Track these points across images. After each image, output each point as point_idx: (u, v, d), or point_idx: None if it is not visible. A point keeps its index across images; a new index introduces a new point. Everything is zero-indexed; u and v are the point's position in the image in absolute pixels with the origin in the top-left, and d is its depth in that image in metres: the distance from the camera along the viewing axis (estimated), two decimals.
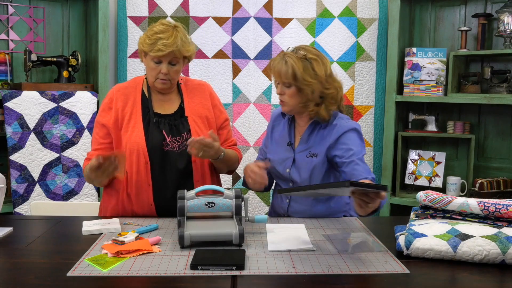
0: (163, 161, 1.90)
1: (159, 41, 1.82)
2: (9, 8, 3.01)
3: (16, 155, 2.78)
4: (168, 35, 1.83)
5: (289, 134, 1.97)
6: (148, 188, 1.89)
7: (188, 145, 1.81)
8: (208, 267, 1.33)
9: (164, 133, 1.91)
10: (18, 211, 2.79)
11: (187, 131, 1.93)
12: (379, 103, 3.29)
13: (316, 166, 1.87)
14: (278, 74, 1.83)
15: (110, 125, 1.92)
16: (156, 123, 1.91)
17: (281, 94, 1.87)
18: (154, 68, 1.88)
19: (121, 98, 1.95)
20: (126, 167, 1.89)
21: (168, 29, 1.86)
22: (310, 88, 1.82)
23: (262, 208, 3.27)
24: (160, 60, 1.87)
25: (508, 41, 2.86)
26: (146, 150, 1.88)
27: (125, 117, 1.92)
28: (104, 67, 3.09)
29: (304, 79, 1.81)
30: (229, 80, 3.26)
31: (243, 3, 3.26)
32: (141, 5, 3.24)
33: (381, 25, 3.27)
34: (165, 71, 1.88)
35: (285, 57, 1.83)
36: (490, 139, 3.14)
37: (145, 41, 1.85)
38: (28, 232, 1.72)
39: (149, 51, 1.84)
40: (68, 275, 1.29)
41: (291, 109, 1.89)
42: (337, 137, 1.85)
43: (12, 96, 2.77)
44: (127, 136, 1.90)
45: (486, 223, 1.49)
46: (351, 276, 1.31)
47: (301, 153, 1.92)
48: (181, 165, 1.91)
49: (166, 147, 1.90)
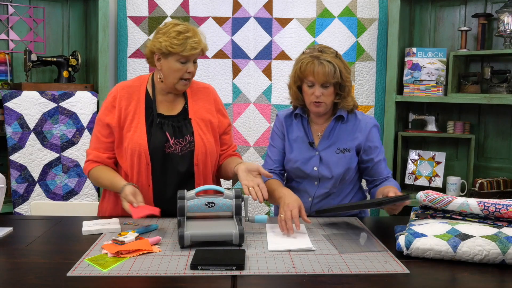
0: (165, 163, 1.89)
1: (189, 40, 1.82)
2: (9, 8, 3.01)
3: (16, 155, 2.78)
4: (194, 34, 1.84)
5: (307, 133, 1.98)
6: (148, 189, 1.88)
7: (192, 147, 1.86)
8: (208, 267, 1.33)
9: (168, 135, 1.89)
10: (18, 211, 2.79)
11: (190, 133, 1.91)
12: (379, 103, 3.29)
13: (351, 161, 1.93)
14: (321, 75, 1.82)
15: (114, 124, 1.89)
16: (159, 124, 1.89)
17: (320, 95, 1.86)
18: (179, 69, 1.85)
19: (125, 97, 1.92)
20: (127, 168, 1.88)
21: (189, 28, 1.85)
22: (349, 84, 1.90)
23: (262, 208, 3.27)
24: (187, 60, 1.85)
25: (508, 41, 2.86)
26: (148, 152, 1.86)
27: (128, 117, 1.90)
28: (104, 67, 3.09)
29: (346, 76, 1.87)
30: (229, 80, 3.26)
31: (243, 3, 3.26)
32: (141, 5, 3.24)
33: (381, 25, 3.27)
34: (192, 70, 1.87)
35: (322, 57, 1.83)
36: (490, 139, 3.14)
37: (173, 42, 1.81)
38: (28, 232, 1.72)
39: (181, 51, 1.81)
40: (68, 275, 1.29)
41: (327, 108, 1.92)
42: (366, 134, 1.94)
43: (12, 96, 2.77)
44: (129, 136, 1.88)
45: (486, 223, 1.49)
46: (351, 276, 1.31)
47: (326, 150, 1.93)
48: (183, 168, 1.90)
49: (169, 149, 1.88)
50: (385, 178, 1.97)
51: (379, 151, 1.96)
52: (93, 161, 1.93)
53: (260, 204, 3.27)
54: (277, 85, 3.27)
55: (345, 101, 1.91)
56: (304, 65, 1.85)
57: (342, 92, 1.89)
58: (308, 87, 1.87)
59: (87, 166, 1.95)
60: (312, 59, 1.84)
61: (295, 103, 2.00)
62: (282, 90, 3.27)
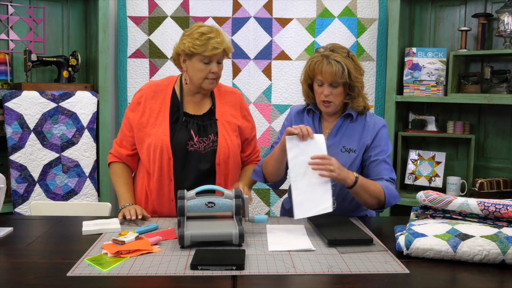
0: (186, 160, 1.93)
1: (211, 41, 1.85)
2: (9, 8, 3.01)
3: (16, 155, 2.78)
4: (216, 34, 1.87)
5: (316, 130, 1.95)
6: (170, 183, 1.92)
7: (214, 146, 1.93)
8: (208, 267, 1.33)
9: (192, 133, 1.93)
10: (18, 211, 2.79)
11: (215, 133, 1.95)
12: (379, 103, 3.29)
13: (355, 162, 1.90)
14: (329, 74, 1.81)
15: (135, 121, 1.96)
16: (184, 122, 1.94)
17: (328, 94, 1.85)
18: (203, 69, 1.89)
19: (151, 95, 1.98)
20: (149, 163, 1.94)
21: (213, 29, 1.89)
22: (360, 84, 1.87)
23: (262, 208, 3.27)
24: (210, 60, 1.89)
25: (508, 41, 2.86)
26: (170, 147, 1.90)
27: (152, 114, 1.95)
28: (104, 67, 3.09)
29: (355, 76, 1.84)
30: (229, 80, 3.26)
31: (243, 3, 3.26)
32: (141, 5, 3.24)
33: (381, 25, 3.27)
34: (216, 70, 1.90)
35: (331, 57, 1.82)
36: (490, 139, 3.14)
37: (195, 43, 1.85)
38: (28, 232, 1.72)
39: (203, 51, 1.85)
40: (68, 275, 1.29)
41: (336, 108, 1.91)
42: (374, 135, 1.91)
43: (12, 96, 2.77)
44: (154, 132, 1.93)
45: (486, 223, 1.49)
46: (351, 276, 1.31)
47: (331, 148, 1.90)
48: (205, 167, 1.93)
49: (192, 147, 1.93)
50: (379, 179, 1.84)
51: (380, 150, 1.89)
52: (113, 155, 2.05)
53: (260, 204, 3.27)
54: (277, 85, 3.27)
55: (356, 102, 1.89)
56: (313, 63, 1.85)
57: (352, 92, 1.87)
58: (318, 86, 1.88)
59: (109, 157, 2.07)
60: (322, 58, 1.83)
61: (306, 100, 2.00)
62: (282, 90, 3.27)
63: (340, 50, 1.86)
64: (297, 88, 3.22)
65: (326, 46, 1.90)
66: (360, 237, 1.57)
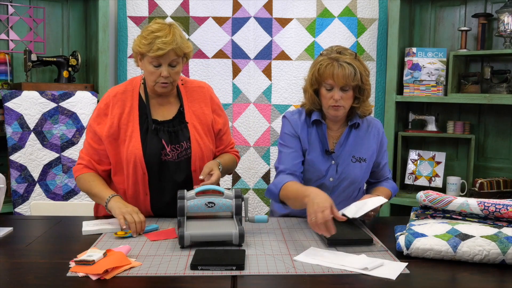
0: (161, 171, 1.82)
1: (157, 40, 1.69)
2: (9, 8, 3.01)
3: (16, 155, 2.78)
4: (165, 33, 1.71)
5: (324, 141, 1.86)
6: (146, 197, 1.84)
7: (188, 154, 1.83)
8: (208, 267, 1.33)
9: (164, 142, 1.81)
10: (18, 211, 2.79)
11: (187, 139, 1.84)
12: (379, 103, 3.29)
13: (365, 171, 1.89)
14: (341, 78, 1.72)
15: (103, 134, 1.80)
16: (154, 131, 1.81)
17: (339, 99, 1.75)
18: (153, 72, 1.75)
19: (118, 105, 1.83)
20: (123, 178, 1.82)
21: (165, 27, 1.73)
22: (369, 87, 1.82)
23: (262, 208, 3.27)
24: (159, 63, 1.74)
25: (508, 41, 2.86)
26: (143, 161, 1.78)
27: (122, 126, 1.81)
28: (104, 67, 3.09)
29: (365, 79, 1.79)
30: (229, 80, 3.26)
31: (243, 3, 3.26)
32: (141, 5, 3.24)
33: (381, 25, 3.27)
34: (166, 74, 1.74)
35: (341, 59, 1.73)
36: (490, 139, 3.14)
37: (141, 42, 1.72)
38: (28, 232, 1.72)
39: (147, 51, 1.71)
40: (68, 275, 1.29)
41: (345, 112, 1.83)
42: (380, 140, 1.92)
43: (12, 96, 2.77)
44: (125, 146, 1.80)
45: (486, 223, 1.49)
46: (351, 276, 1.31)
47: (342, 158, 1.86)
48: (179, 176, 1.84)
49: (165, 156, 1.81)
50: (385, 179, 1.97)
51: (384, 154, 1.96)
52: (86, 166, 1.85)
53: (260, 204, 3.27)
54: (277, 85, 3.27)
55: (364, 106, 1.83)
56: (323, 67, 1.75)
57: (361, 95, 1.80)
58: (326, 90, 1.77)
59: (79, 169, 1.86)
60: (331, 61, 1.74)
61: (311, 107, 1.86)
62: (282, 90, 3.27)
63: (346, 52, 1.78)
64: (297, 88, 3.22)
65: (330, 48, 1.81)
66: (360, 237, 1.57)
